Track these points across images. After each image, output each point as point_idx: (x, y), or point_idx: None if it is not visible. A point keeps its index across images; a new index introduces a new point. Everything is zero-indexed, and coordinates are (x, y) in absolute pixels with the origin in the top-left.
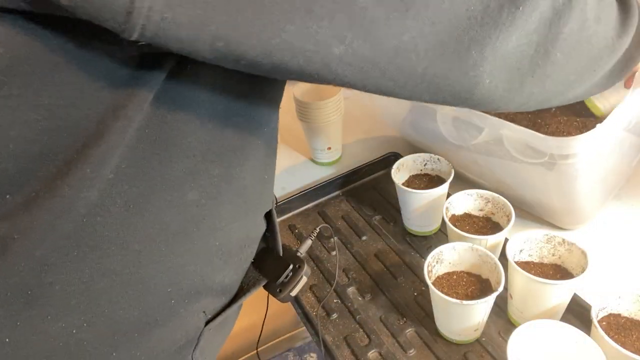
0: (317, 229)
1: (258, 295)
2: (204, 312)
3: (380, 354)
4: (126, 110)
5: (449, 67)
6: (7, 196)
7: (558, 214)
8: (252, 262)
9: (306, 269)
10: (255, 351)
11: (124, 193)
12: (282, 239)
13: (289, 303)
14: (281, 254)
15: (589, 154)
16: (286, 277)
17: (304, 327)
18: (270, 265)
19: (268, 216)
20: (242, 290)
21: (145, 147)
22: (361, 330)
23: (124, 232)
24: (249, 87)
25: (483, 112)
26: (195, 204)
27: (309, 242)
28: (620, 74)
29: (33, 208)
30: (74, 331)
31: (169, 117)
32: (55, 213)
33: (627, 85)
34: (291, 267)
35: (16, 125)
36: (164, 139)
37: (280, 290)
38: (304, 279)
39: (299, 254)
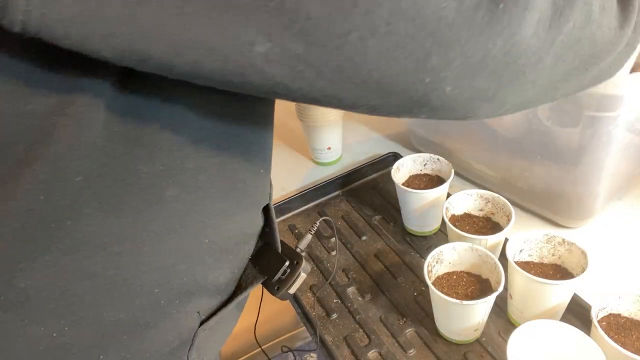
0: (317, 224)
1: (257, 296)
2: (197, 312)
3: (380, 354)
4: (78, 107)
5: (401, 71)
6: None
7: (565, 203)
8: (251, 259)
9: (305, 265)
10: (255, 351)
11: (96, 195)
12: (282, 239)
13: (289, 303)
14: (279, 250)
15: (630, 109)
16: (284, 274)
17: (304, 327)
18: (268, 262)
19: (266, 211)
20: (240, 289)
21: (115, 147)
22: (361, 330)
23: (100, 234)
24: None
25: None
26: (175, 199)
27: (308, 237)
28: (618, 66)
29: None
30: (55, 334)
31: (140, 113)
32: (13, 218)
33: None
34: (288, 263)
35: None
36: (134, 137)
37: (278, 288)
38: (303, 276)
39: (297, 249)
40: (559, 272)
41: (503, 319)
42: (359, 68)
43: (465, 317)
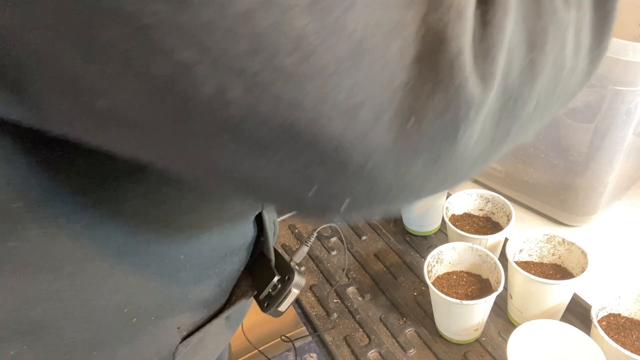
0: (314, 234)
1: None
2: (177, 328)
3: (380, 354)
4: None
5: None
6: None
7: (571, 198)
8: (247, 269)
9: (297, 279)
10: (255, 351)
11: (38, 218)
12: (282, 239)
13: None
14: (273, 262)
15: None
16: (273, 289)
17: (304, 327)
18: (260, 275)
19: (259, 219)
20: (230, 302)
21: (54, 153)
22: (361, 330)
23: (48, 256)
24: None
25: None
26: (134, 214)
27: (304, 250)
28: (591, 71)
29: None
30: (13, 353)
31: None
32: None
33: None
34: (277, 278)
35: None
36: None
37: (268, 305)
38: (295, 292)
39: (292, 263)
40: (559, 272)
41: (503, 319)
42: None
43: (465, 317)
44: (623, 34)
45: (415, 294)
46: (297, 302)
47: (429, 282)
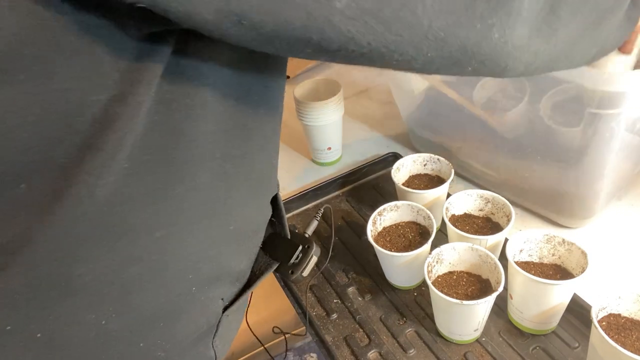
0: (322, 209)
1: (258, 297)
2: (222, 299)
3: (380, 354)
4: (135, 97)
5: (456, 21)
6: (22, 185)
7: (567, 202)
8: (262, 248)
9: (315, 248)
10: (255, 351)
11: (141, 180)
12: None
13: (289, 303)
14: (289, 237)
15: (632, 106)
16: (297, 259)
17: (304, 327)
18: (279, 249)
19: (274, 201)
20: (255, 276)
21: (155, 135)
22: (361, 330)
23: (147, 219)
24: (256, 64)
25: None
26: (206, 186)
27: (315, 223)
28: (625, 30)
29: (53, 196)
30: (104, 322)
31: (177, 102)
32: (76, 201)
33: (625, 50)
34: (300, 247)
35: (31, 109)
36: (173, 125)
37: (292, 272)
38: (314, 258)
39: (306, 234)
40: (559, 272)
41: (503, 319)
42: (420, 20)
43: (465, 317)
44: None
45: (415, 294)
46: (297, 302)
47: (429, 282)
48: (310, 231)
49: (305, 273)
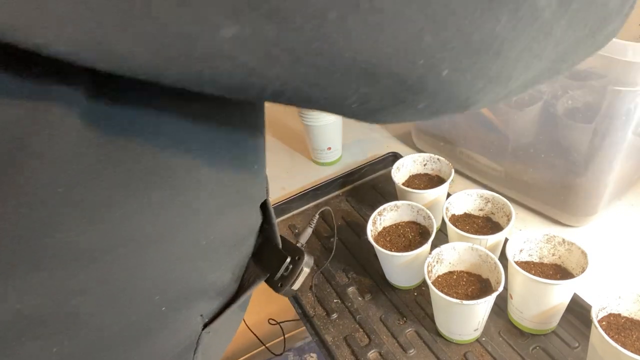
0: (316, 216)
1: (257, 296)
2: (200, 315)
3: (380, 354)
4: (49, 116)
5: (390, 53)
6: None
7: (571, 198)
8: (252, 257)
9: (307, 259)
10: (255, 351)
11: (79, 204)
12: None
13: (289, 303)
14: (280, 246)
15: None
16: (286, 271)
17: (304, 327)
18: (269, 259)
19: (264, 207)
20: (242, 289)
21: (93, 152)
22: (361, 330)
23: (88, 245)
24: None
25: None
26: (163, 202)
27: (308, 231)
28: (621, 26)
29: None
30: (55, 349)
31: (117, 121)
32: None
33: None
34: (289, 259)
35: None
36: (114, 141)
37: (281, 285)
38: (306, 271)
39: (298, 244)
40: (559, 272)
41: (503, 319)
42: (341, 51)
43: (465, 317)
44: (623, 34)
45: (415, 294)
46: (297, 302)
47: (429, 282)
48: (303, 240)
49: (295, 286)
